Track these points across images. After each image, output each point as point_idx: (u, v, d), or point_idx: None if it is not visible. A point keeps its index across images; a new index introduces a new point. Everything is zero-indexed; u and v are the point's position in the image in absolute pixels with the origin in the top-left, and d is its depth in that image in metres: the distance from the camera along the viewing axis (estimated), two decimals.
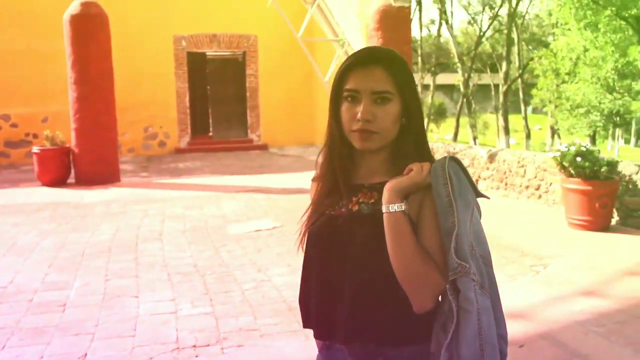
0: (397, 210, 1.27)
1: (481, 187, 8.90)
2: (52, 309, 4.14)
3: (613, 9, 14.68)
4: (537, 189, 7.80)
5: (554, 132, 28.77)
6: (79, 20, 9.70)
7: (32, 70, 13.89)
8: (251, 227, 6.62)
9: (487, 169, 8.80)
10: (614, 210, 6.45)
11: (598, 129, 16.76)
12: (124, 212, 7.67)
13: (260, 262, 5.22)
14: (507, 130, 27.28)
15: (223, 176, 10.87)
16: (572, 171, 6.26)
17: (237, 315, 3.95)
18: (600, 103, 15.91)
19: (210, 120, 15.86)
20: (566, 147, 6.35)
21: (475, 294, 1.22)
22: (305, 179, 8.54)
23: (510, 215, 7.18)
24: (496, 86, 31.22)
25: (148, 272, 4.97)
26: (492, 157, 8.71)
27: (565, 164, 6.28)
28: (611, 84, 15.56)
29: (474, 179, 8.85)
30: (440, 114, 38.17)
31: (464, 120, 30.31)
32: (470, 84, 29.34)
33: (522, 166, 8.08)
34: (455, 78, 33.22)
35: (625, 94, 15.53)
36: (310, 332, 1.50)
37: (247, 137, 16.05)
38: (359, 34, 10.61)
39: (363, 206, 1.37)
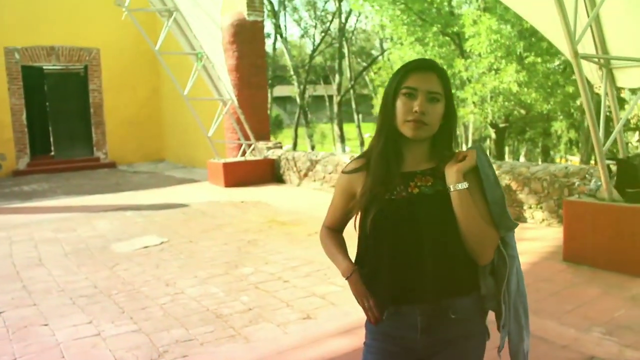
0: (463, 187, 1.61)
1: None
2: None
3: (439, 26, 16.28)
4: None
5: None
6: None
7: None
8: (138, 245, 6.42)
9: None
10: None
11: None
12: None
13: (165, 277, 5.13)
14: (342, 139, 28.71)
15: (82, 196, 10.29)
16: None
17: (167, 328, 3.90)
18: None
19: (52, 139, 14.81)
20: None
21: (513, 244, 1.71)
22: (168, 194, 8.56)
23: None
24: (330, 97, 32.68)
25: (46, 298, 4.66)
26: None
27: None
28: None
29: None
30: (277, 125, 39.00)
31: (302, 131, 31.31)
32: (306, 95, 30.41)
33: None
34: (290, 90, 34.21)
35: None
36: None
37: (93, 155, 15.26)
38: (220, 46, 10.66)
39: (424, 188, 1.66)
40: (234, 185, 10.70)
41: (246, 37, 11.66)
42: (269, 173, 11.22)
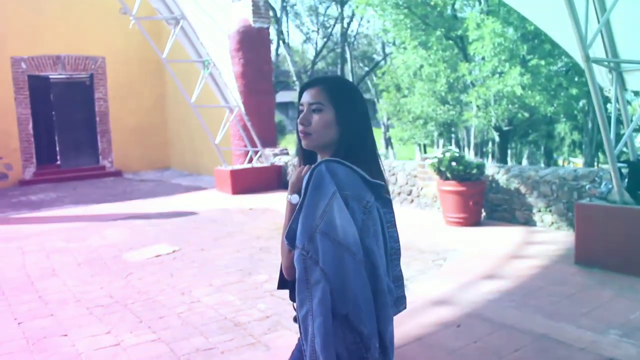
0: (288, 199, 1.70)
1: None
2: None
3: (442, 29, 16.33)
4: (409, 194, 8.49)
5: (387, 143, 30.84)
6: None
7: None
8: (150, 253, 6.45)
9: None
10: (482, 206, 7.27)
11: (434, 137, 18.44)
12: None
13: (180, 285, 5.16)
14: None
15: (90, 205, 10.32)
16: (448, 175, 6.96)
17: (186, 337, 3.92)
18: (436, 114, 17.54)
19: (58, 148, 14.86)
20: (442, 153, 7.05)
21: (305, 266, 1.51)
22: (176, 202, 8.58)
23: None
24: None
25: (63, 309, 4.69)
26: None
27: (442, 168, 6.97)
28: (444, 97, 17.23)
29: None
30: (279, 131, 39.04)
31: None
32: None
33: (393, 174, 8.73)
34: (292, 96, 34.28)
35: (457, 105, 17.29)
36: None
37: (99, 164, 15.28)
38: (225, 54, 10.71)
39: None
40: (241, 193, 10.73)
41: (252, 44, 11.70)
42: (276, 180, 11.24)
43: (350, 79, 30.80)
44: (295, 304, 1.62)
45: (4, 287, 5.44)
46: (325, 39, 29.83)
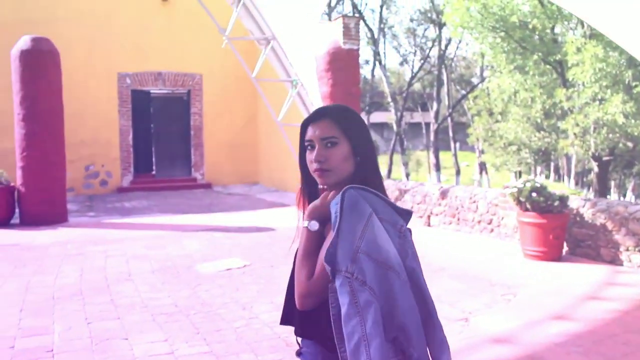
0: (304, 226, 1.61)
1: (433, 222, 9.25)
2: (39, 355, 4.00)
3: (540, 54, 15.76)
4: (489, 223, 8.20)
5: (482, 168, 30.06)
6: (30, 56, 9.50)
7: None
8: (221, 266, 6.61)
9: (439, 205, 9.16)
10: (564, 241, 6.89)
11: (528, 165, 17.76)
12: (82, 253, 7.47)
13: (243, 300, 5.24)
14: (438, 167, 28.29)
15: (176, 215, 10.76)
16: (528, 205, 6.66)
17: (237, 352, 3.97)
18: (530, 141, 16.90)
19: (154, 159, 15.65)
20: (522, 183, 6.76)
21: (352, 289, 1.42)
22: (257, 217, 8.67)
23: (468, 248, 7.51)
24: (427, 124, 32.40)
25: (130, 313, 4.89)
26: (444, 194, 9.09)
27: (522, 199, 6.68)
28: (539, 123, 16.58)
29: (425, 215, 9.19)
30: None
31: (397, 158, 31.17)
32: (403, 122, 30.32)
33: (474, 202, 8.47)
34: (387, 117, 34.26)
35: (552, 133, 16.58)
36: None
37: (191, 175, 15.93)
38: (312, 74, 10.89)
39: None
40: None
41: (341, 65, 11.80)
42: None
43: (447, 102, 30.44)
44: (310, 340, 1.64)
45: (83, 287, 5.76)
46: (422, 61, 29.61)
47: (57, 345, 4.17)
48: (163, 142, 15.65)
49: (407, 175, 29.82)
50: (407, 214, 1.63)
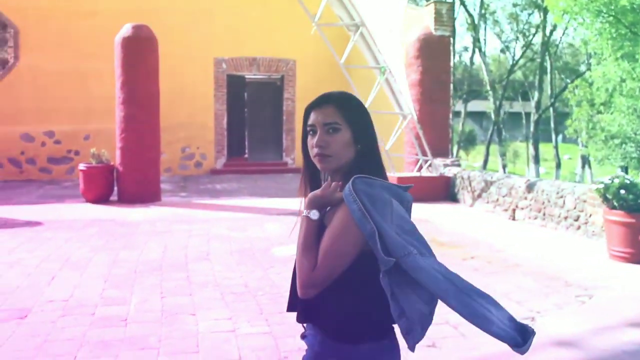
0: (305, 214, 1.60)
1: (518, 216, 8.95)
2: (115, 323, 4.31)
3: None
4: (576, 220, 7.82)
5: (584, 162, 28.57)
6: (131, 43, 10.06)
7: (76, 89, 14.37)
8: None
9: (525, 198, 8.84)
10: None
11: (632, 160, 16.65)
12: (169, 231, 7.88)
13: None
14: (537, 159, 27.18)
15: (262, 198, 11.07)
16: (616, 203, 6.30)
17: (295, 335, 4.07)
18: (635, 134, 15.83)
19: (247, 143, 16.13)
20: (610, 179, 6.40)
21: (421, 259, 1.50)
22: None
23: (550, 245, 7.22)
24: (527, 114, 31.17)
25: (201, 291, 5.13)
26: (530, 187, 8.76)
27: (609, 196, 6.32)
28: None
29: (510, 208, 8.90)
30: (469, 141, 38.16)
31: (494, 148, 30.26)
32: (501, 112, 29.33)
33: (561, 197, 8.11)
34: (486, 105, 33.25)
35: None
36: None
37: (282, 160, 16.28)
38: (401, 61, 10.79)
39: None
40: None
41: (432, 52, 11.62)
42: (443, 191, 11.04)
43: (549, 92, 29.11)
44: (304, 326, 1.72)
45: (163, 264, 6.10)
46: (524, 48, 28.41)
47: (131, 316, 4.46)
48: (256, 126, 16.09)
49: (504, 166, 28.88)
50: (408, 188, 1.69)
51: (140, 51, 10.10)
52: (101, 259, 6.32)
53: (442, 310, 4.62)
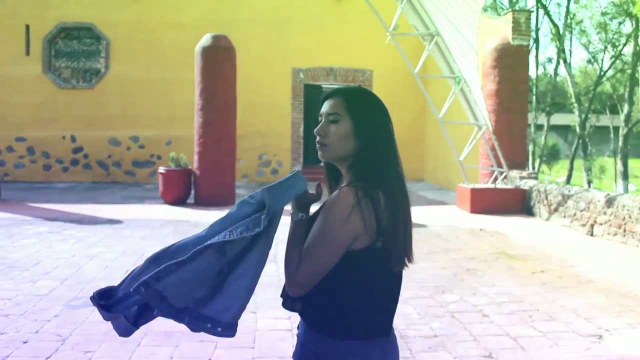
0: (295, 218, 1.66)
1: (597, 232, 8.59)
2: None
3: None
4: None
5: None
6: (210, 52, 10.46)
7: (160, 97, 15.06)
8: None
9: (604, 213, 8.47)
10: None
11: None
12: None
13: None
14: (625, 175, 25.86)
15: None
16: None
17: None
18: None
19: None
20: None
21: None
22: (418, 213, 8.55)
23: (628, 263, 6.88)
24: (615, 128, 29.75)
25: (264, 291, 5.24)
26: (610, 202, 8.39)
27: None
28: None
29: (588, 223, 8.54)
30: (553, 155, 36.79)
31: (579, 163, 29.06)
32: (587, 125, 28.13)
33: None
34: (570, 119, 32.01)
35: None
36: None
37: None
38: (476, 71, 10.64)
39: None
40: (480, 212, 10.50)
41: (509, 62, 11.38)
42: (519, 204, 10.75)
43: (638, 104, 27.64)
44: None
45: None
46: (613, 59, 27.18)
47: None
48: None
49: (589, 182, 27.66)
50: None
51: (218, 60, 10.48)
52: None
53: (502, 322, 4.55)
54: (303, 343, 1.67)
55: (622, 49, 26.86)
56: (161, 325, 4.19)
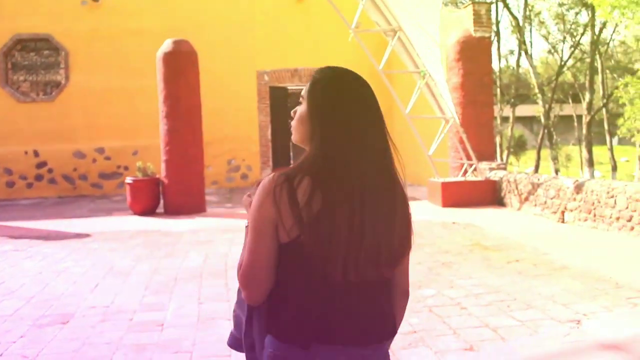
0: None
1: (568, 218, 8.66)
2: (151, 328, 4.35)
3: None
4: (629, 220, 7.50)
5: None
6: (172, 58, 10.27)
7: (123, 106, 14.76)
8: None
9: (574, 199, 8.55)
10: None
11: None
12: (211, 240, 7.96)
13: None
14: (591, 163, 26.33)
15: None
16: None
17: None
18: None
19: (291, 153, 16.20)
20: None
21: None
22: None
23: (600, 247, 6.94)
24: (579, 117, 30.28)
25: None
26: (578, 188, 8.47)
27: None
28: None
29: (559, 211, 8.61)
30: (520, 146, 37.33)
31: (545, 153, 29.48)
32: (552, 115, 28.55)
33: (612, 197, 7.80)
34: (535, 109, 32.48)
35: None
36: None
37: None
38: (440, 65, 10.66)
39: None
40: (451, 206, 10.52)
41: (472, 55, 11.44)
42: (490, 195, 10.80)
43: (601, 92, 28.19)
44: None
45: (204, 271, 6.15)
46: (572, 48, 27.66)
47: (168, 321, 4.50)
48: None
49: (557, 171, 28.08)
50: None
51: (181, 65, 10.30)
52: (143, 267, 6.42)
53: (481, 313, 4.51)
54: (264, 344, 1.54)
55: (580, 38, 27.35)
56: (133, 339, 4.08)
